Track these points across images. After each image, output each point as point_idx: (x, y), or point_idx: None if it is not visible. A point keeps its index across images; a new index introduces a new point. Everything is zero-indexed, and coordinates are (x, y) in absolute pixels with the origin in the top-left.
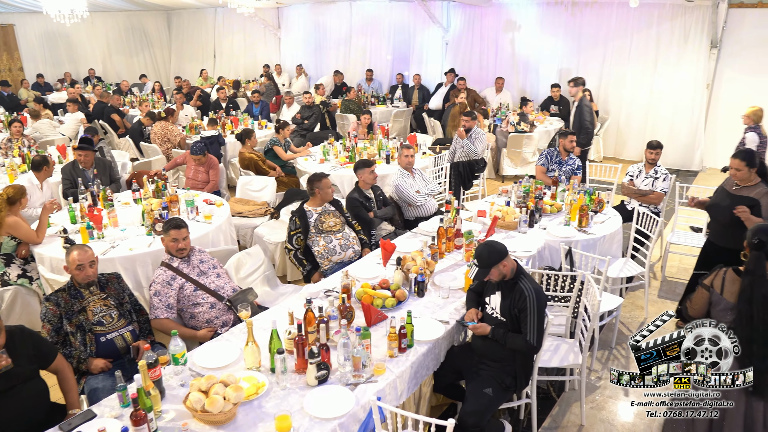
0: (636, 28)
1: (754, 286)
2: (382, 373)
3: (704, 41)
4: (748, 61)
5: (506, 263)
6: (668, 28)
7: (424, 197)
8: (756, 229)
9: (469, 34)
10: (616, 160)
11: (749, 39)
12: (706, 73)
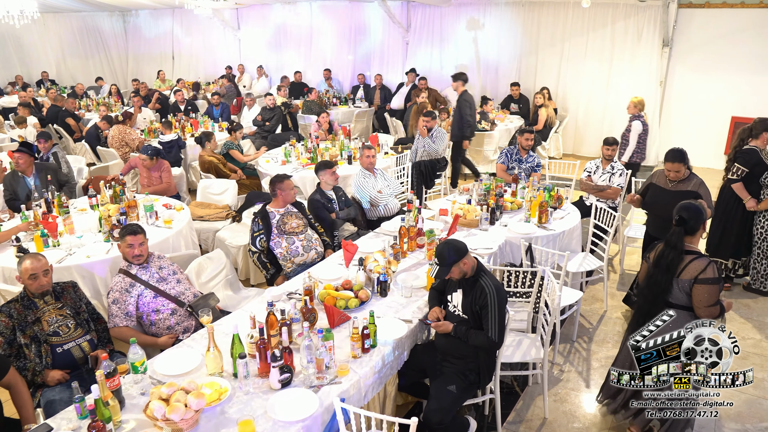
0: (591, 27)
1: (665, 253)
2: (346, 374)
3: (656, 40)
4: (698, 59)
5: (466, 261)
6: (622, 27)
7: (386, 197)
8: (680, 206)
9: (429, 33)
10: (574, 156)
11: (698, 38)
12: (659, 71)
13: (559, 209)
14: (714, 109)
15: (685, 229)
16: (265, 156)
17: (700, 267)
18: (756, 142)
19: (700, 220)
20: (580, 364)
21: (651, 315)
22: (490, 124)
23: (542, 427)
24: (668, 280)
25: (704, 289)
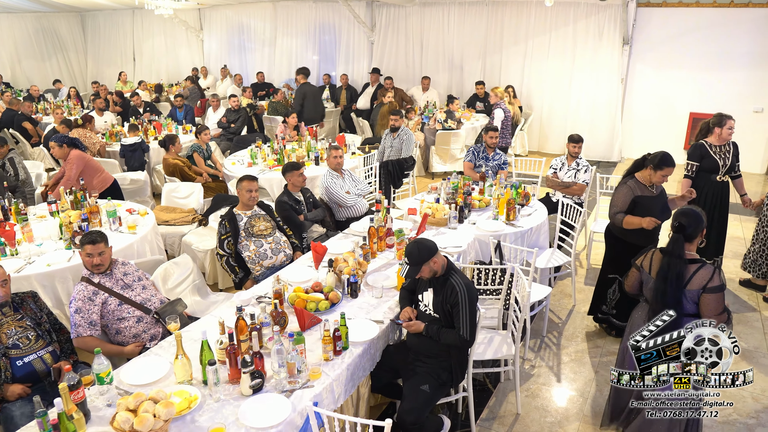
0: (554, 26)
1: (671, 265)
2: (318, 377)
3: (617, 38)
4: (657, 57)
5: (436, 260)
6: (584, 26)
7: (355, 198)
8: (678, 212)
9: (394, 33)
10: (540, 153)
11: (657, 36)
12: (620, 68)
13: (527, 206)
14: (673, 105)
15: (685, 236)
16: (231, 158)
17: (707, 276)
18: (710, 137)
19: (700, 226)
20: (550, 358)
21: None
22: (457, 122)
23: (515, 423)
24: (679, 293)
25: (712, 298)
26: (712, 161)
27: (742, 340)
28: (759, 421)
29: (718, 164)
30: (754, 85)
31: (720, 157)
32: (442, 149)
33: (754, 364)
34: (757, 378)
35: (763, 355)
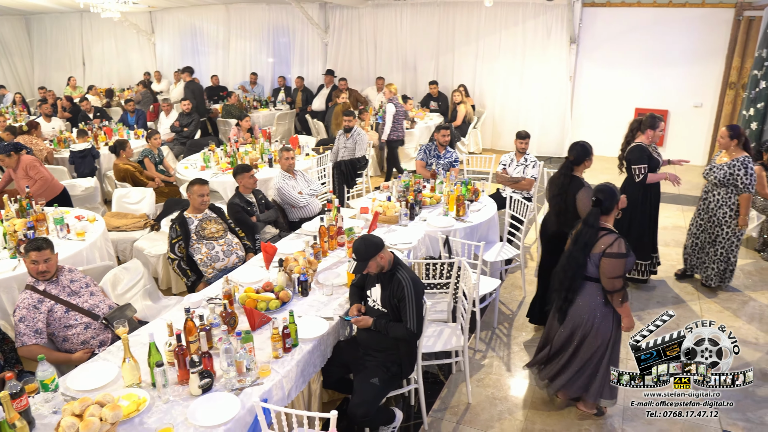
0: (504, 26)
1: (584, 232)
2: (268, 374)
3: (564, 37)
4: (603, 55)
5: (383, 255)
6: (532, 26)
7: (307, 198)
8: (597, 188)
9: (348, 34)
10: (493, 151)
11: (602, 34)
12: (568, 66)
13: (476, 202)
14: (619, 102)
15: (601, 209)
16: (183, 162)
17: (609, 241)
18: (641, 137)
19: (615, 199)
20: (501, 349)
21: (572, 290)
22: (410, 122)
23: (466, 412)
24: (585, 256)
25: (609, 262)
26: (655, 160)
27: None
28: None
29: (659, 162)
30: (693, 81)
31: (658, 155)
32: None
33: None
34: None
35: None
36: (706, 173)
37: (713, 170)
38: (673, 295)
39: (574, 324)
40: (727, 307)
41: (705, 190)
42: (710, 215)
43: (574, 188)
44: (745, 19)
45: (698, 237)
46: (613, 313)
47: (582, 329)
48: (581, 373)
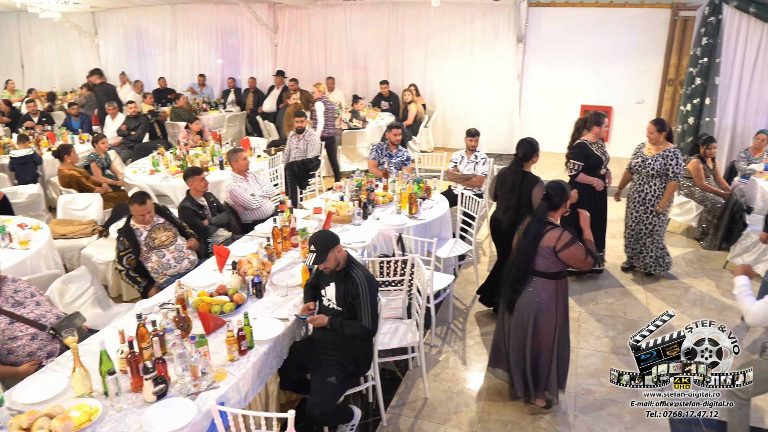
0: (452, 26)
1: (532, 226)
2: (224, 377)
3: (511, 36)
4: (549, 53)
5: (340, 249)
6: (480, 25)
7: (260, 199)
8: (548, 184)
9: (297, 35)
10: (445, 149)
11: (548, 34)
12: (516, 65)
13: (428, 200)
14: (565, 99)
15: (550, 204)
16: (132, 167)
17: (555, 235)
18: (588, 135)
19: (564, 197)
20: (456, 343)
21: (521, 282)
22: (362, 121)
23: (424, 407)
24: (534, 248)
25: (568, 252)
26: (597, 158)
27: (628, 312)
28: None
29: (602, 159)
30: (635, 78)
31: (602, 153)
32: (349, 148)
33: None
34: None
35: (645, 323)
36: (638, 166)
37: (647, 163)
38: (620, 285)
39: (524, 319)
40: (670, 295)
41: (639, 183)
42: (647, 206)
43: (528, 183)
44: (680, 19)
45: (634, 229)
46: (558, 305)
47: (531, 324)
48: (536, 368)
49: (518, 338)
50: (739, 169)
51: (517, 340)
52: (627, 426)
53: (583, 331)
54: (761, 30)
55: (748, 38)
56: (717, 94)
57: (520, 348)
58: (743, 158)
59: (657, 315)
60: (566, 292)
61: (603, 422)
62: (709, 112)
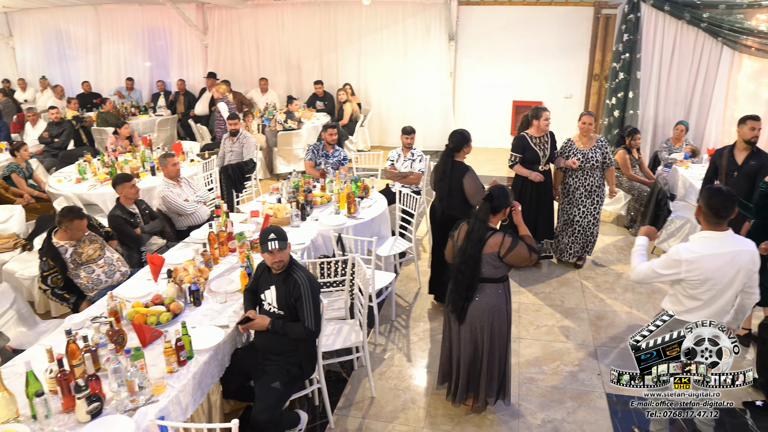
0: (385, 25)
1: (475, 228)
2: (163, 390)
3: (443, 35)
4: (480, 51)
5: (290, 245)
6: (412, 24)
7: (194, 205)
8: (492, 187)
9: (228, 35)
10: (382, 147)
11: (478, 32)
12: (449, 63)
13: (367, 198)
14: (498, 95)
15: (491, 207)
16: (56, 175)
17: (498, 241)
18: (531, 129)
19: (506, 202)
20: (400, 341)
21: (471, 289)
22: (297, 122)
23: (371, 406)
24: (479, 251)
25: (515, 253)
26: (533, 153)
27: (566, 300)
28: (581, 367)
29: (539, 155)
30: (563, 75)
31: (540, 148)
32: (285, 150)
33: (575, 318)
34: (579, 329)
35: (582, 310)
36: (581, 162)
37: (588, 157)
38: (556, 275)
39: (476, 326)
40: (604, 282)
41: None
42: (593, 198)
43: (458, 172)
44: (603, 17)
45: (581, 223)
46: (507, 308)
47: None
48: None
49: (472, 347)
50: (662, 159)
51: (470, 350)
52: (569, 410)
53: (523, 321)
54: (676, 26)
55: (665, 34)
56: (639, 87)
57: (474, 357)
58: (665, 148)
59: (593, 301)
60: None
61: (546, 408)
62: (632, 105)
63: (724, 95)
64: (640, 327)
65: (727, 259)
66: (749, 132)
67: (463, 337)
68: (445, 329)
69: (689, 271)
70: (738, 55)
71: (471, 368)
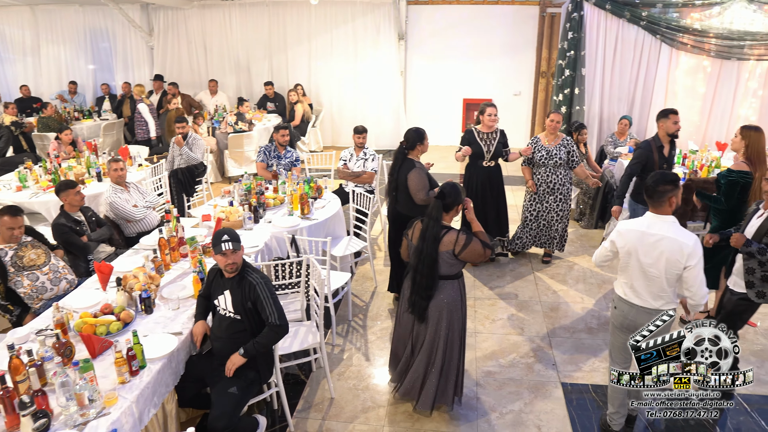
0: (334, 25)
1: (429, 226)
2: (114, 402)
3: (393, 34)
4: (430, 50)
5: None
6: (362, 24)
7: (143, 210)
8: (444, 184)
9: (174, 37)
10: (335, 147)
11: (427, 31)
12: (399, 62)
13: (320, 199)
14: (448, 93)
15: (443, 204)
16: None
17: (452, 239)
18: (480, 125)
19: (457, 200)
20: (358, 340)
21: (429, 288)
22: (248, 124)
23: (330, 407)
24: (435, 250)
25: (469, 250)
26: (478, 147)
27: (520, 293)
28: (536, 358)
29: (483, 150)
30: (511, 72)
31: (485, 144)
32: (236, 152)
33: (529, 311)
34: (533, 321)
35: (535, 302)
36: (544, 159)
37: (552, 154)
38: (511, 267)
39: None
40: (556, 273)
41: (546, 174)
42: (556, 195)
43: (405, 169)
44: (548, 15)
45: (545, 218)
46: (462, 304)
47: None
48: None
49: (429, 346)
50: (608, 153)
51: (427, 348)
52: (526, 401)
53: (479, 316)
54: (617, 24)
55: (607, 32)
56: (584, 84)
57: (429, 356)
58: (610, 142)
59: (546, 293)
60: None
61: (504, 400)
62: (578, 101)
63: (664, 90)
64: (592, 316)
65: (652, 241)
66: (673, 126)
67: (420, 336)
68: (397, 326)
69: (619, 243)
70: (676, 51)
71: (422, 367)
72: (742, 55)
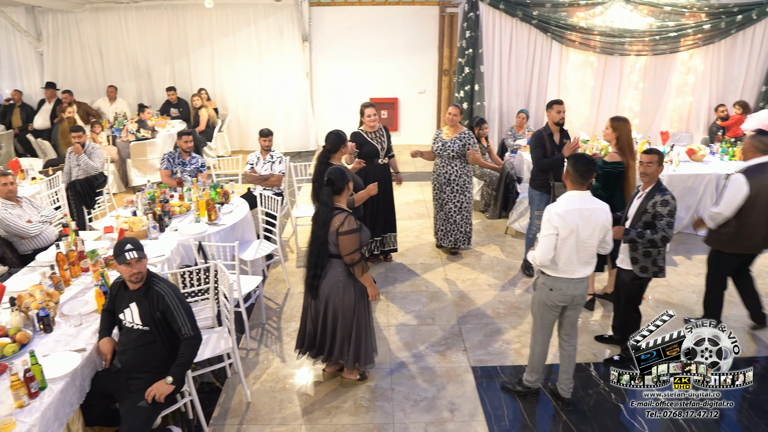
0: (237, 27)
1: (320, 211)
2: (12, 428)
3: (297, 36)
4: (334, 51)
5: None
6: (265, 26)
7: (39, 226)
8: (329, 171)
9: (66, 42)
10: (243, 152)
11: (331, 32)
12: (304, 64)
13: (227, 204)
14: (354, 93)
15: (333, 189)
16: None
17: (341, 219)
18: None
19: (344, 180)
20: (273, 343)
21: (320, 267)
22: (151, 131)
23: (248, 412)
24: (325, 233)
25: (345, 238)
26: (371, 147)
27: (431, 285)
28: (447, 345)
29: (377, 149)
30: (416, 71)
31: (377, 142)
32: (140, 161)
33: (440, 301)
34: (443, 311)
35: (445, 293)
36: (439, 150)
37: (447, 146)
38: (421, 261)
39: (326, 299)
40: (465, 263)
41: (441, 165)
42: (452, 186)
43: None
44: (447, 15)
45: (443, 209)
46: (355, 284)
47: (332, 303)
48: (343, 344)
49: (326, 320)
50: (508, 146)
51: (325, 322)
52: (439, 387)
53: (392, 309)
54: (511, 23)
55: (502, 31)
56: (483, 80)
57: (331, 328)
58: (510, 135)
59: (456, 283)
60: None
61: (418, 389)
62: (479, 97)
63: (557, 84)
64: (499, 302)
65: (588, 214)
66: (557, 115)
67: (319, 310)
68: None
69: (561, 225)
70: (565, 48)
71: (326, 336)
72: (623, 51)
